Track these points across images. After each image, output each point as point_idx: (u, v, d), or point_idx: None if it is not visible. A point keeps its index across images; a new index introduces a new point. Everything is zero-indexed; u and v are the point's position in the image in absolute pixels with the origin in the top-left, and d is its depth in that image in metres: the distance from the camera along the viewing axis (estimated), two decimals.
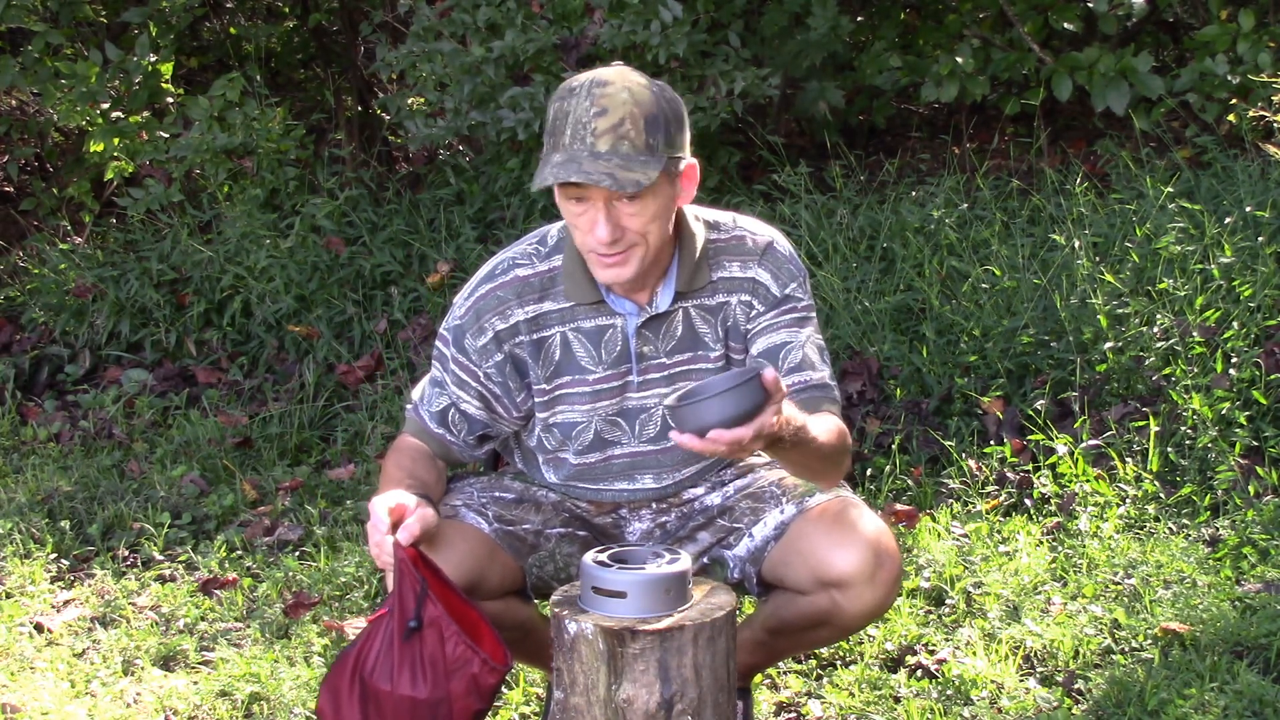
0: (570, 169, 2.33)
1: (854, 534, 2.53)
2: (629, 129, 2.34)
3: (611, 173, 2.32)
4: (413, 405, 2.71)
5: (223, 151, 5.57)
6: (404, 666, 2.32)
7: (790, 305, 2.59)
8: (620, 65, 2.46)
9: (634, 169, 2.34)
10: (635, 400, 2.60)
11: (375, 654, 2.34)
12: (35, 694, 3.17)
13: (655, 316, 2.55)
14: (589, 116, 2.34)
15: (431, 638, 2.33)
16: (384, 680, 2.32)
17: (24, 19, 5.73)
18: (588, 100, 2.35)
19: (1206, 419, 3.87)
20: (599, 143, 2.34)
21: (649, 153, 2.36)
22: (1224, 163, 4.94)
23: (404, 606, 2.32)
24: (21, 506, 4.24)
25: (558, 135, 2.37)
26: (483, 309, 2.58)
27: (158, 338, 5.36)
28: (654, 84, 2.42)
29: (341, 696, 2.36)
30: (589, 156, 2.33)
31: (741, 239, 2.61)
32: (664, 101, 2.40)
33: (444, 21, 5.19)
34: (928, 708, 2.98)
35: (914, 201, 5.10)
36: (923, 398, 4.28)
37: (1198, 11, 5.68)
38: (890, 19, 5.82)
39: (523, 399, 2.62)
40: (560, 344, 2.58)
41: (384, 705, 2.33)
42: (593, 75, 2.40)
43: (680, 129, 2.43)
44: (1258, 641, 3.11)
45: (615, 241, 2.40)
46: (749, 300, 2.59)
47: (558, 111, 2.39)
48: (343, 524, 4.06)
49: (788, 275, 2.60)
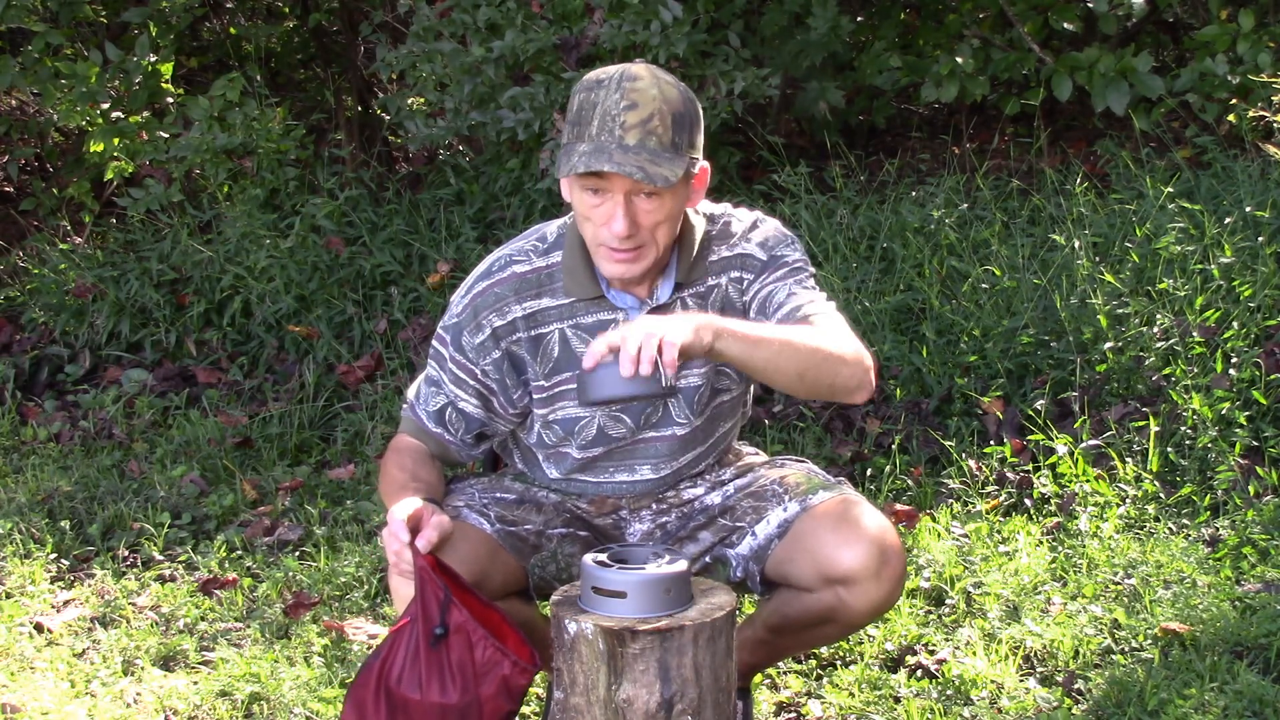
0: (601, 158, 2.34)
1: (859, 531, 2.53)
2: (657, 125, 2.36)
3: (642, 166, 2.34)
4: (409, 405, 2.71)
5: (223, 151, 5.57)
6: (432, 674, 2.32)
7: (779, 264, 2.59)
8: (645, 62, 2.47)
9: (662, 165, 2.35)
10: None
11: (401, 664, 2.33)
12: (35, 694, 3.17)
13: (656, 309, 2.56)
14: (619, 109, 2.36)
15: (459, 644, 2.32)
16: (412, 689, 2.32)
17: (24, 19, 5.73)
18: (618, 93, 2.37)
19: (1206, 419, 3.87)
20: (628, 136, 2.35)
21: (674, 151, 2.38)
22: (1224, 163, 4.94)
23: (428, 614, 2.32)
24: (21, 506, 4.24)
25: (584, 125, 2.38)
26: (480, 306, 2.58)
27: (158, 338, 5.36)
28: (679, 83, 2.44)
29: (367, 709, 2.35)
30: (618, 148, 2.34)
31: (729, 223, 2.63)
32: (688, 101, 2.43)
33: (444, 21, 5.19)
34: (928, 708, 2.98)
35: (914, 201, 5.10)
36: (923, 398, 4.28)
37: (1198, 11, 5.69)
38: (890, 19, 5.82)
39: (519, 396, 2.62)
40: (559, 340, 2.58)
41: (413, 713, 2.33)
42: (621, 69, 2.41)
43: (699, 130, 2.45)
44: (1258, 641, 3.11)
45: (630, 236, 2.40)
46: (739, 275, 2.60)
47: (584, 102, 2.39)
48: (343, 524, 4.06)
49: (774, 241, 2.61)
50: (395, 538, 2.34)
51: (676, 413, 2.63)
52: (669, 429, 2.64)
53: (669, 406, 2.62)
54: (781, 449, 4.20)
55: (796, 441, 4.25)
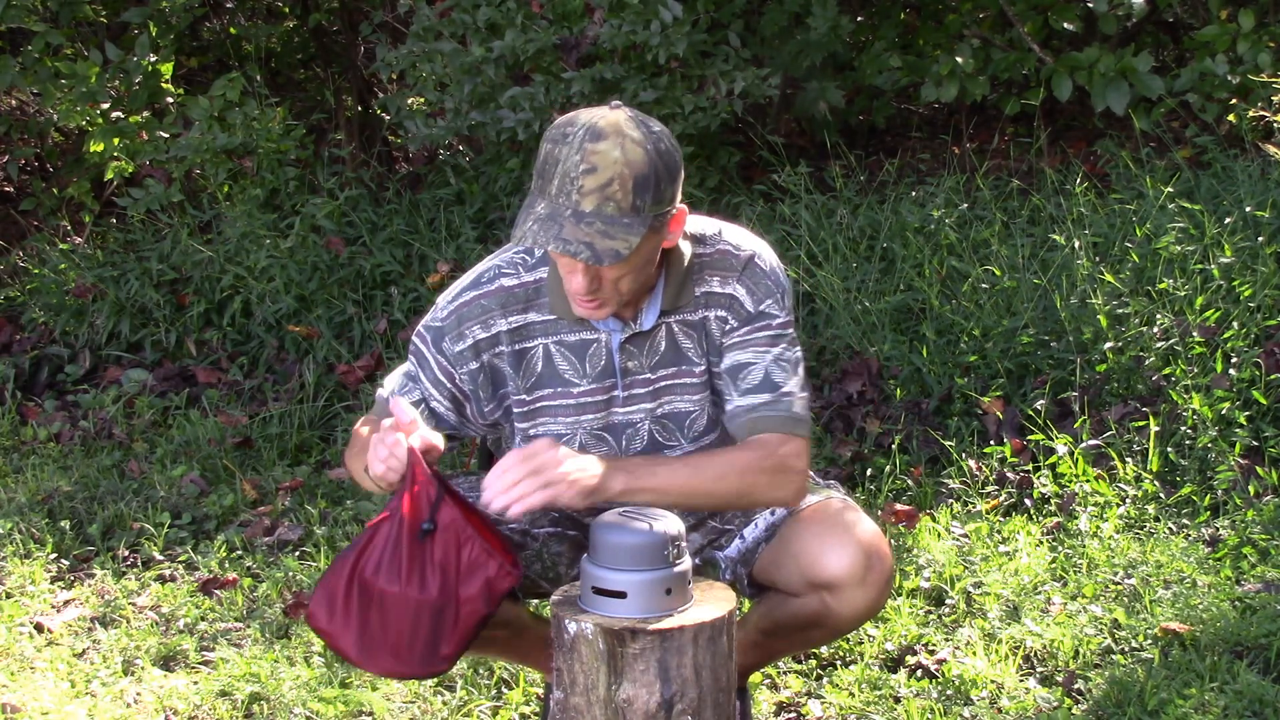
0: (551, 231, 2.29)
1: (845, 536, 2.51)
2: (616, 190, 2.29)
3: (591, 241, 2.28)
4: (385, 394, 2.67)
5: (223, 151, 5.57)
6: (413, 568, 2.30)
7: (763, 323, 2.53)
8: (621, 111, 2.36)
9: (616, 235, 2.29)
10: (621, 415, 2.58)
11: (378, 556, 2.32)
12: (35, 694, 3.17)
13: (639, 333, 2.54)
14: (577, 172, 2.29)
15: (444, 541, 2.31)
16: (390, 582, 2.30)
17: (24, 19, 5.73)
18: (578, 155, 2.29)
19: (1206, 419, 3.87)
20: (584, 201, 2.29)
21: (634, 214, 2.30)
22: (1224, 163, 4.94)
23: (417, 508, 2.30)
24: (21, 506, 4.24)
25: (546, 180, 2.32)
26: (465, 315, 2.56)
27: (158, 338, 5.36)
28: (650, 137, 2.32)
29: (337, 599, 2.33)
30: (571, 216, 2.29)
31: (725, 253, 2.55)
32: (657, 157, 2.32)
33: (444, 21, 5.19)
34: (928, 708, 2.98)
35: (914, 201, 5.10)
36: (923, 398, 4.28)
37: (1198, 11, 5.69)
38: (890, 19, 5.82)
39: (490, 410, 2.60)
40: (543, 356, 2.56)
41: (388, 605, 2.31)
42: (589, 123, 2.32)
43: (672, 182, 2.36)
44: (1258, 641, 3.11)
45: (592, 292, 2.39)
46: (724, 315, 2.54)
47: (548, 155, 2.32)
48: (343, 524, 4.06)
49: (764, 291, 2.54)
50: (388, 430, 2.33)
51: (667, 439, 2.60)
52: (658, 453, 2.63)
53: (658, 432, 2.59)
54: None
55: None
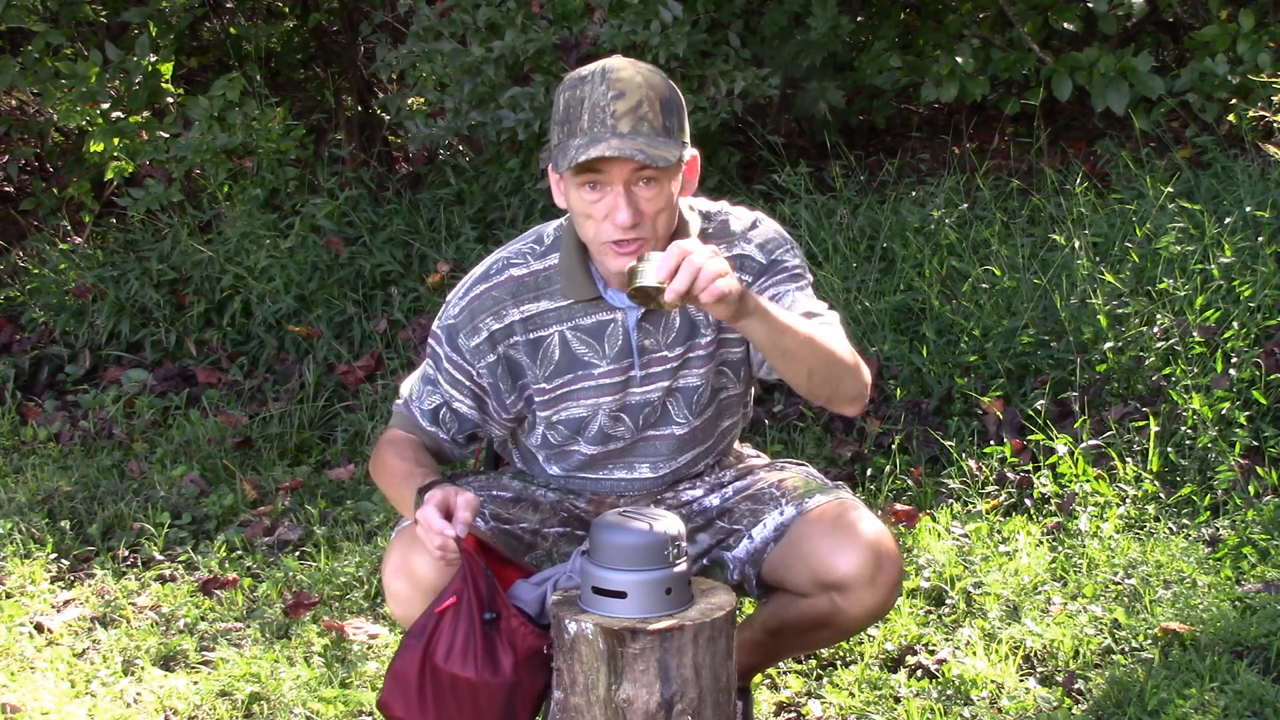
0: (600, 147, 2.33)
1: (854, 536, 2.52)
2: (647, 110, 2.36)
3: (641, 149, 2.34)
4: (403, 401, 2.70)
5: (223, 151, 5.57)
6: (484, 652, 2.38)
7: (779, 269, 2.57)
8: (619, 56, 2.47)
9: (659, 148, 2.35)
10: (638, 395, 2.59)
11: (447, 643, 2.39)
12: (35, 694, 3.17)
13: (651, 311, 2.55)
14: (607, 100, 2.35)
15: (505, 626, 2.38)
16: (464, 668, 2.38)
17: (24, 19, 5.74)
18: (603, 85, 2.36)
19: (1206, 419, 3.87)
20: (620, 124, 2.35)
21: (667, 134, 2.38)
22: (1224, 163, 4.94)
23: (479, 595, 2.37)
24: (21, 506, 4.24)
25: (574, 121, 2.37)
26: (477, 309, 2.58)
27: (158, 338, 5.36)
28: (659, 71, 2.44)
29: (410, 688, 2.41)
30: (613, 136, 2.34)
31: (726, 222, 2.61)
32: (671, 88, 2.43)
33: (444, 21, 5.19)
34: (928, 708, 2.98)
35: (914, 201, 5.10)
36: (923, 398, 4.28)
37: (1198, 11, 5.69)
38: (890, 19, 5.82)
39: (512, 401, 2.62)
40: (559, 343, 2.57)
41: (460, 690, 2.39)
42: (600, 64, 2.41)
43: (685, 116, 2.46)
44: (1258, 641, 3.11)
45: (635, 225, 2.39)
46: (738, 275, 2.57)
47: (570, 99, 2.39)
48: (343, 524, 4.06)
49: (773, 245, 2.59)
50: (436, 531, 2.33)
51: (675, 412, 2.63)
52: (668, 428, 2.64)
53: (668, 406, 2.61)
54: (781, 449, 4.20)
55: (796, 441, 4.25)
